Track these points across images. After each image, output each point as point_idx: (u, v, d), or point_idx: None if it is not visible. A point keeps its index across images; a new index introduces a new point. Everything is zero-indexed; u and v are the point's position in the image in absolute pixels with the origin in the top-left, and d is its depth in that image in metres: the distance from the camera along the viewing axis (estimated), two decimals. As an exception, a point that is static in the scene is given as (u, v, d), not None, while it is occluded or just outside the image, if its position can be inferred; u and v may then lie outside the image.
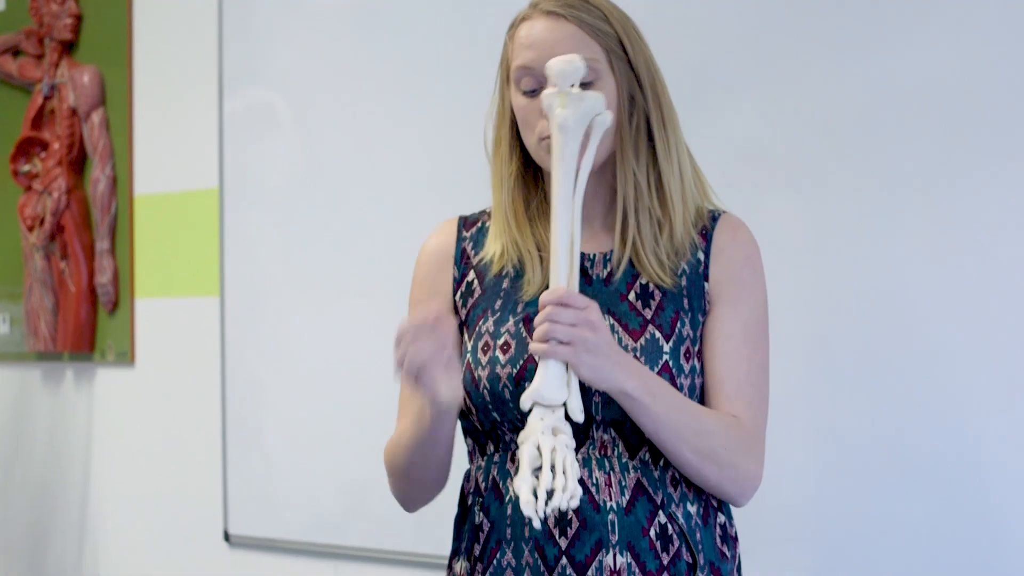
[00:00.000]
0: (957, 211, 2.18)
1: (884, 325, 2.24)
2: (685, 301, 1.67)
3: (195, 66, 3.27)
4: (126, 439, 3.44)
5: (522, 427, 1.61)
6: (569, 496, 1.49)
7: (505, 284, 1.71)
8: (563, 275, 1.57)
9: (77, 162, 3.52)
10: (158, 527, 3.35)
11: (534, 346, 1.55)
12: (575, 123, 1.58)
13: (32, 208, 3.55)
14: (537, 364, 1.56)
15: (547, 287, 1.68)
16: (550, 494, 1.49)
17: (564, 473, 1.50)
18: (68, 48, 3.55)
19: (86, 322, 3.49)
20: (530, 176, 1.75)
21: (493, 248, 1.73)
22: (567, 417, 1.56)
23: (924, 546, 2.19)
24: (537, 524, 1.50)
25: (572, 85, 1.59)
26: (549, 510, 1.49)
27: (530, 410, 1.56)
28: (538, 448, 1.53)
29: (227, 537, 3.17)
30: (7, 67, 3.66)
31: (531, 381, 1.57)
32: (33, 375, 3.66)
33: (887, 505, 2.22)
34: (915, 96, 2.21)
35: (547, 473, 1.50)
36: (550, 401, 1.54)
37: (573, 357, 1.53)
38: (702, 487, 1.65)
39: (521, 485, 1.50)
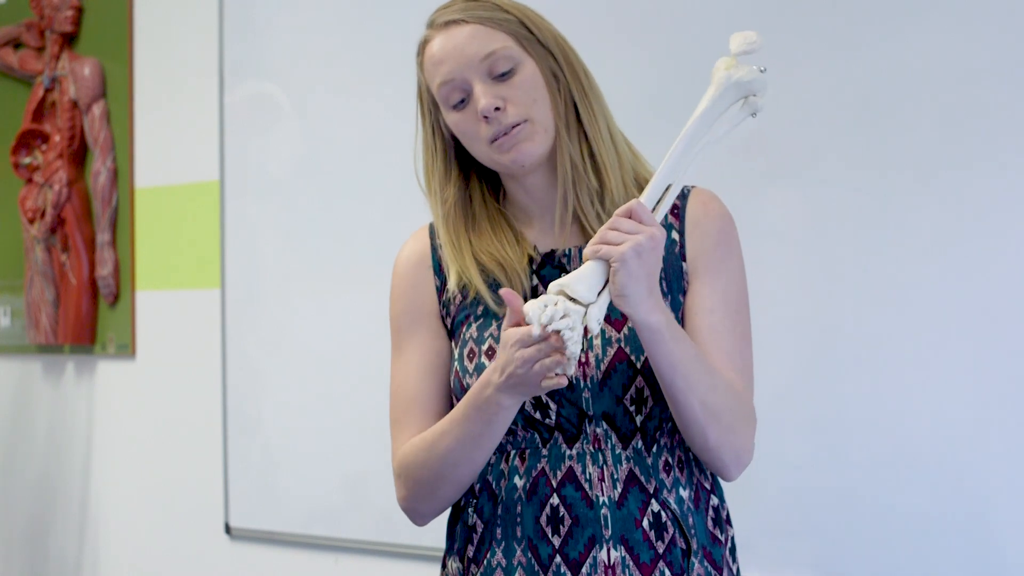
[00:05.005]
0: (955, 201, 2.17)
1: (883, 315, 2.23)
2: (664, 284, 1.66)
3: (196, 58, 3.26)
4: (127, 432, 3.44)
5: (515, 428, 1.63)
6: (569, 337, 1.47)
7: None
8: (650, 201, 1.55)
9: (78, 154, 3.52)
10: (159, 520, 3.36)
11: (587, 248, 1.52)
12: (729, 86, 1.58)
13: (33, 201, 3.55)
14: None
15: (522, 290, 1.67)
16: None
17: (568, 339, 1.47)
18: (69, 40, 3.55)
19: (87, 314, 3.49)
20: (475, 188, 1.73)
21: (452, 280, 1.70)
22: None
23: (924, 535, 2.19)
24: (536, 330, 1.48)
25: (744, 55, 1.58)
26: (545, 321, 1.47)
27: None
28: (545, 305, 1.49)
29: (228, 530, 3.17)
30: (8, 59, 3.66)
31: None
32: (34, 368, 3.66)
33: (887, 495, 2.22)
34: (914, 86, 2.21)
35: (552, 310, 1.47)
36: (575, 293, 1.50)
37: (618, 258, 1.49)
38: (699, 452, 1.63)
39: (539, 302, 1.48)
